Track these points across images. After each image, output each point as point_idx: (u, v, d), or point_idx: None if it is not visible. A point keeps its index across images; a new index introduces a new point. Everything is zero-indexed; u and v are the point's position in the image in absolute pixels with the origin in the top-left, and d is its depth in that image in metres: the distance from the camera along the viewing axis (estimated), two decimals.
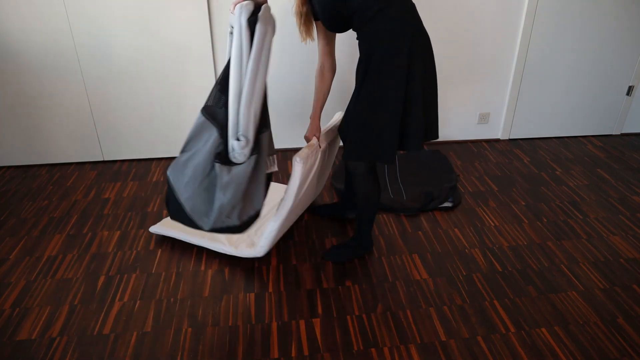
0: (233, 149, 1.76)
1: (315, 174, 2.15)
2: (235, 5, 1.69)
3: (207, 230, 1.87)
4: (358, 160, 1.90)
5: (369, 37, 1.76)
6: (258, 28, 1.68)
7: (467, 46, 2.99)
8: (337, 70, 2.08)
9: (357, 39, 1.84)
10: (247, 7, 1.66)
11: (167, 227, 2.25)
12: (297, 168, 1.92)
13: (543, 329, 1.79)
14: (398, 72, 1.72)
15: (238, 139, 1.75)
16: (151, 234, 2.33)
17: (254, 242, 2.10)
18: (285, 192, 1.97)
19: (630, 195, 2.69)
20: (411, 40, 1.71)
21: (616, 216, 2.50)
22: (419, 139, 1.82)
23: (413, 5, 1.77)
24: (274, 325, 1.81)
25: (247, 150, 1.77)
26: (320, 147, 2.05)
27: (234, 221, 1.86)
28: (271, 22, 1.73)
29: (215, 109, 1.78)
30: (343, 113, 2.29)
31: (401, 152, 2.99)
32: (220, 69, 2.88)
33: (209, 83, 2.86)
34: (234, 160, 1.77)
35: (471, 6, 2.87)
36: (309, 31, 1.91)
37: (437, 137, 1.92)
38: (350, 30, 1.85)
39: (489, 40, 3.00)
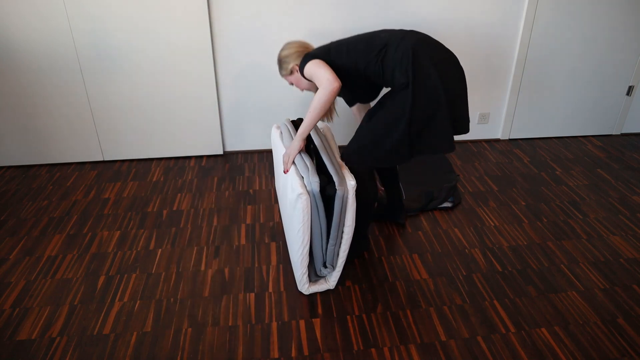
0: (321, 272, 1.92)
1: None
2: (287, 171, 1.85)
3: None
4: (371, 166, 1.96)
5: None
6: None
7: (467, 46, 2.99)
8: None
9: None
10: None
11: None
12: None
13: (543, 329, 1.79)
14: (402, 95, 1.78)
15: (325, 267, 1.90)
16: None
17: (326, 279, 2.01)
18: (347, 220, 1.79)
19: (630, 195, 2.69)
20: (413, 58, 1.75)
21: (616, 216, 2.50)
22: (447, 141, 1.82)
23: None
24: (274, 325, 1.81)
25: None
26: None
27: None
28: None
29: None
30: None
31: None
32: (219, 68, 2.88)
33: (209, 82, 2.86)
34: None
35: (471, 6, 2.87)
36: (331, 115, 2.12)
37: (467, 130, 1.89)
38: None
39: (489, 40, 3.00)
